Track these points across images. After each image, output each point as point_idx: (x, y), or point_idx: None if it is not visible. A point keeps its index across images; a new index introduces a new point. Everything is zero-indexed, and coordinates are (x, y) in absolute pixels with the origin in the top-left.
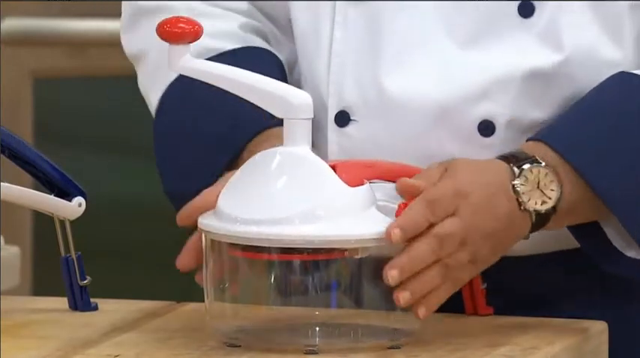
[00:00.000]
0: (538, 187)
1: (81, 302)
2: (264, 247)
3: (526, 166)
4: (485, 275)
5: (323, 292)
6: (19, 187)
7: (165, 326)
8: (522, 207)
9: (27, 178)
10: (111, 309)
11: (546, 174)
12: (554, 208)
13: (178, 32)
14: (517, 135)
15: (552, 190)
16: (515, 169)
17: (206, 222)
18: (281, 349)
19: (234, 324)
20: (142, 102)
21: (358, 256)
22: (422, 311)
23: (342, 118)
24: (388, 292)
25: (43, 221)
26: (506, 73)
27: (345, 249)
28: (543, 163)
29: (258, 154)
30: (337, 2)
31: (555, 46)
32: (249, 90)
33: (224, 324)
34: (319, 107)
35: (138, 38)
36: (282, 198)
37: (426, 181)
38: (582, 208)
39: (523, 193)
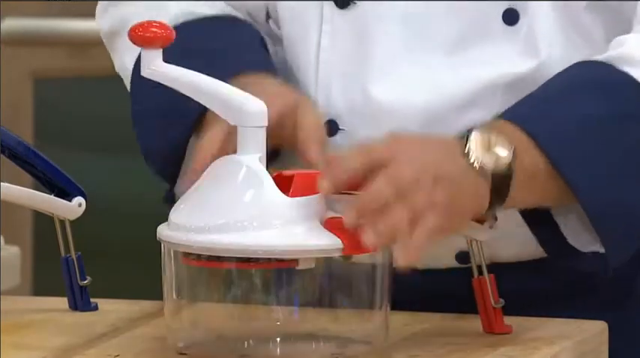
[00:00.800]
0: (489, 149)
1: (81, 302)
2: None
3: (475, 130)
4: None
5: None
6: (19, 187)
7: (164, 326)
8: (475, 164)
9: (27, 178)
10: (111, 309)
11: (497, 135)
12: (509, 171)
13: (150, 37)
14: None
15: (504, 149)
16: (465, 132)
17: (162, 232)
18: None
19: (187, 332)
20: None
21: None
22: (404, 256)
23: (331, 127)
24: (338, 300)
25: (43, 221)
26: (492, 81)
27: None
28: (495, 130)
29: (213, 164)
30: (325, 10)
31: (534, 52)
32: (209, 97)
33: (178, 333)
34: None
35: (115, 15)
36: (221, 206)
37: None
38: (542, 182)
39: (473, 151)
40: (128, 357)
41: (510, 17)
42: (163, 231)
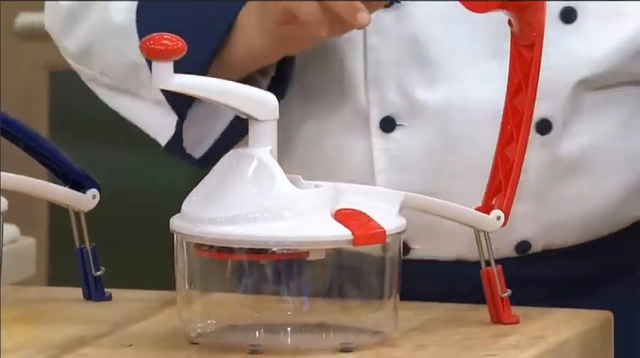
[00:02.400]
0: None
1: (95, 292)
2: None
3: None
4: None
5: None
6: (34, 179)
7: (177, 316)
8: None
9: (43, 171)
10: (124, 299)
11: None
12: None
13: (162, 49)
14: (572, 129)
15: None
16: None
17: (174, 222)
18: (229, 348)
19: (199, 322)
20: None
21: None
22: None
23: (388, 124)
24: (348, 291)
25: (58, 213)
26: (556, 75)
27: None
28: None
29: (225, 156)
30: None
31: (595, 49)
32: (220, 94)
33: (190, 322)
34: (354, 113)
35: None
36: (233, 198)
37: None
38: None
39: None
40: (142, 346)
41: (568, 15)
42: (176, 222)
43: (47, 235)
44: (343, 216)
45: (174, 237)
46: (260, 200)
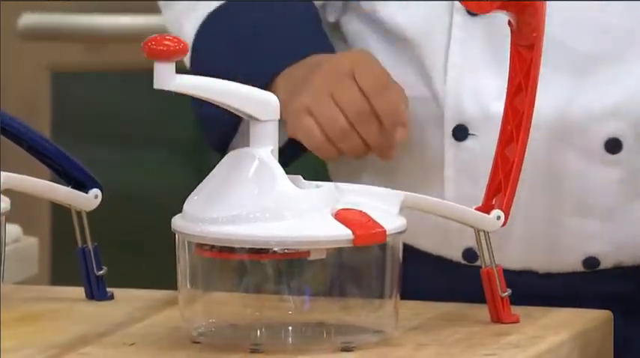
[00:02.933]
0: None
1: (97, 292)
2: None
3: None
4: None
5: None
6: (37, 179)
7: (179, 315)
8: None
9: (45, 171)
10: (126, 299)
11: None
12: None
13: (163, 50)
14: None
15: None
16: None
17: (175, 222)
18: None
19: (200, 322)
20: (159, 98)
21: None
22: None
23: (461, 132)
24: (349, 290)
25: (61, 213)
26: (632, 92)
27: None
28: None
29: (226, 156)
30: (455, 17)
31: None
32: (222, 94)
33: (192, 322)
34: (429, 118)
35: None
36: (234, 197)
37: None
38: None
39: None
40: (144, 345)
41: None
42: (177, 221)
43: (50, 235)
44: (344, 216)
45: (176, 236)
46: (261, 200)
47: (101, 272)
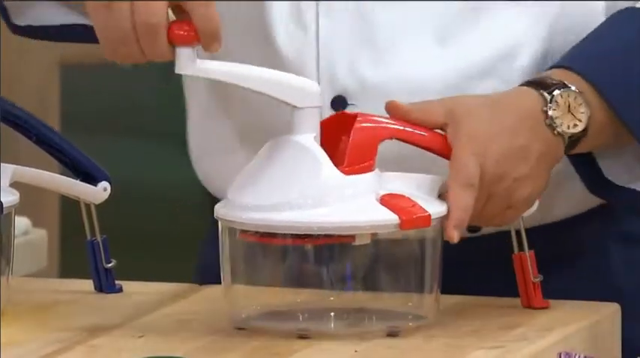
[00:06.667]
0: (569, 111)
1: (106, 284)
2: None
3: (556, 92)
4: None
5: (324, 277)
6: (47, 172)
7: (187, 308)
8: (555, 132)
9: (54, 164)
10: (135, 291)
11: (575, 97)
12: (584, 130)
13: (184, 35)
14: None
15: (582, 113)
16: (547, 95)
17: (219, 209)
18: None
19: (244, 308)
20: (168, 91)
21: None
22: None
23: (339, 103)
24: (391, 277)
25: (70, 205)
26: (505, 50)
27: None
28: (572, 87)
29: (268, 144)
30: None
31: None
32: (261, 81)
33: (236, 308)
34: None
35: None
36: (278, 184)
37: (424, 116)
38: (608, 131)
39: (556, 118)
40: (152, 338)
41: None
42: (220, 209)
43: (59, 227)
44: (389, 201)
45: (219, 223)
46: (305, 186)
47: (110, 264)
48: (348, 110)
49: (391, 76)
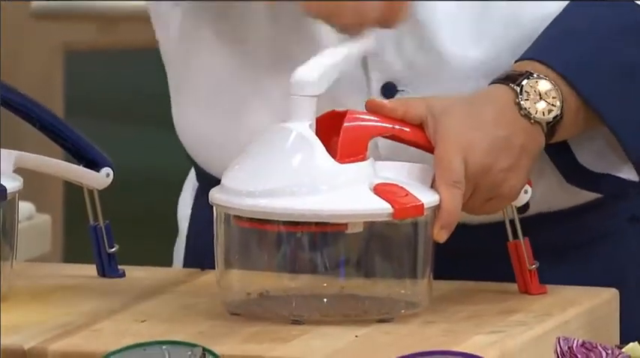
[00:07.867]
0: (541, 98)
1: (109, 269)
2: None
3: (524, 82)
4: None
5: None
6: (50, 158)
7: (189, 292)
8: (532, 121)
9: (58, 150)
10: (137, 276)
11: (544, 83)
12: (560, 115)
13: None
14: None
15: (554, 97)
16: (516, 87)
17: (214, 195)
18: (274, 319)
19: (238, 294)
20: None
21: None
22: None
23: (389, 89)
24: (384, 263)
25: (73, 191)
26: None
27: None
28: (536, 74)
29: (264, 131)
30: None
31: None
32: None
33: (230, 293)
34: (356, 79)
35: None
36: (273, 171)
37: (407, 113)
38: (582, 115)
39: (530, 107)
40: (154, 322)
41: None
42: (215, 194)
43: (62, 213)
44: (382, 190)
45: (214, 209)
46: (300, 173)
47: (113, 249)
48: (399, 96)
49: (436, 61)
